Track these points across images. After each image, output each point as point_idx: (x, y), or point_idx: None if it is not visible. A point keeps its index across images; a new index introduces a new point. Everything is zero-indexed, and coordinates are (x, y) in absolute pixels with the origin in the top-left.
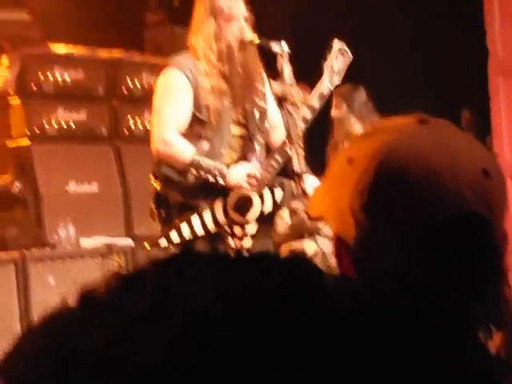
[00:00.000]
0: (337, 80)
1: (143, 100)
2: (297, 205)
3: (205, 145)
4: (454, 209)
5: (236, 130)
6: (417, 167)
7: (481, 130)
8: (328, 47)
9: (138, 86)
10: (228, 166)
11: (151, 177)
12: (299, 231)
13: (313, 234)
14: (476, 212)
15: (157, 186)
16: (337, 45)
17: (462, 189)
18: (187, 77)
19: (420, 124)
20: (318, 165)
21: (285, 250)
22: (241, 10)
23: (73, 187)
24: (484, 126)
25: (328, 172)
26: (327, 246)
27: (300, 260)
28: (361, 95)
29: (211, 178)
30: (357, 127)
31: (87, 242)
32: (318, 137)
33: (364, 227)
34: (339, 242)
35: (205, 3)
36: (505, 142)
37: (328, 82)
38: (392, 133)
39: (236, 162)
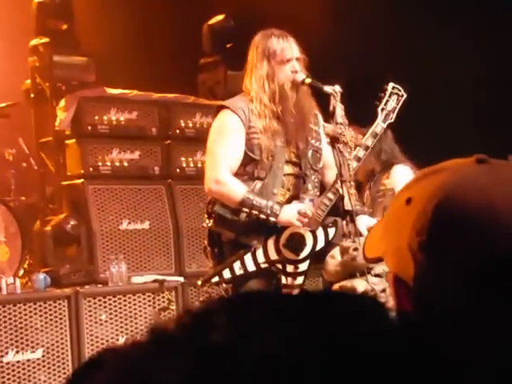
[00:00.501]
0: (390, 119)
1: (195, 140)
2: (348, 243)
3: (257, 184)
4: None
5: (289, 169)
6: (476, 206)
7: None
8: (383, 89)
9: (191, 127)
10: (280, 204)
11: (205, 215)
12: (350, 270)
13: (364, 272)
14: None
15: (210, 224)
16: (391, 86)
17: None
18: (240, 118)
19: (479, 164)
20: None
21: (335, 289)
22: (294, 52)
23: (125, 225)
24: None
25: (386, 214)
26: (378, 285)
27: (367, 300)
28: (388, 138)
29: (263, 217)
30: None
31: (138, 279)
32: None
33: (423, 266)
34: (398, 282)
35: (258, 46)
36: None
37: (382, 122)
38: (450, 172)
39: (288, 200)
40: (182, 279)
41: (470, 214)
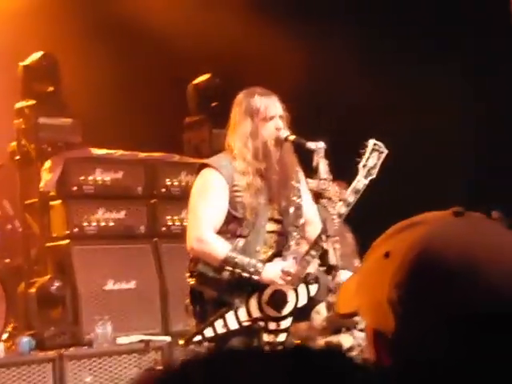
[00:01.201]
0: (372, 175)
1: (181, 198)
2: (333, 299)
3: (240, 242)
4: (493, 303)
5: (271, 227)
6: (456, 258)
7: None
8: (363, 146)
9: (176, 185)
10: (263, 262)
11: (187, 274)
12: (336, 325)
13: (349, 327)
14: None
15: (192, 282)
16: (372, 142)
17: (501, 284)
18: (223, 176)
19: (456, 216)
20: None
21: (321, 345)
22: (277, 110)
23: (111, 285)
24: None
25: (360, 268)
26: (364, 340)
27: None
28: None
29: (246, 275)
30: None
31: (124, 340)
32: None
33: (403, 319)
34: (376, 336)
35: (241, 104)
36: None
37: (363, 178)
38: (428, 225)
39: (271, 258)
40: (168, 339)
41: (450, 267)
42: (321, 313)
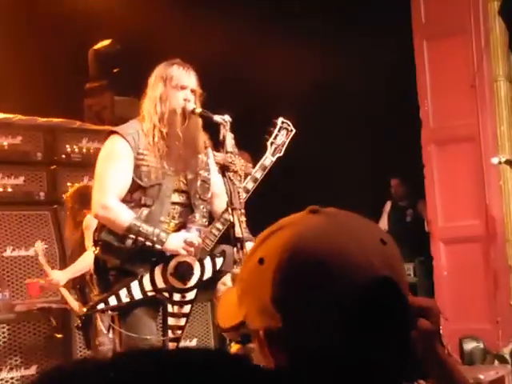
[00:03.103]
0: (279, 152)
1: (82, 165)
2: (239, 270)
3: (144, 211)
4: (368, 277)
5: (176, 198)
6: (325, 247)
7: (411, 196)
8: (273, 124)
9: (77, 152)
10: (167, 232)
11: (91, 243)
12: None
13: None
14: (386, 277)
15: (97, 251)
16: (280, 120)
17: (370, 258)
18: (129, 143)
19: (312, 214)
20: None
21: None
22: (190, 82)
23: (9, 252)
24: (415, 192)
25: (238, 280)
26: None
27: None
28: None
29: (149, 244)
30: None
31: (22, 307)
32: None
33: (289, 314)
34: (268, 335)
35: (158, 71)
36: (438, 206)
37: (271, 155)
38: (291, 227)
39: (175, 229)
40: (67, 306)
41: (322, 257)
42: (227, 284)
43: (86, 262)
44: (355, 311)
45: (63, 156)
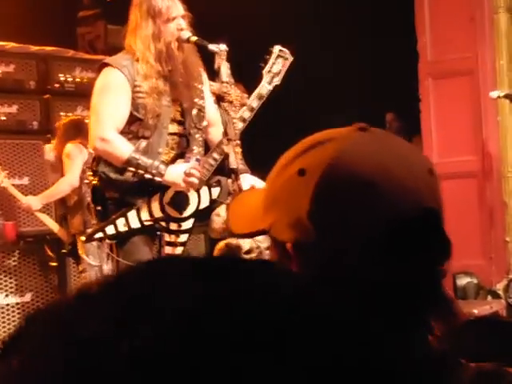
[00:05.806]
0: (276, 81)
1: (75, 94)
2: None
3: (142, 143)
4: (416, 205)
5: (173, 128)
6: (371, 168)
7: (406, 131)
8: (269, 52)
9: (70, 81)
10: (166, 164)
11: (89, 173)
12: None
13: None
14: (434, 208)
15: (94, 181)
16: (277, 49)
17: (420, 186)
18: (124, 75)
19: (362, 131)
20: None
21: (221, 247)
22: (179, 10)
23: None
24: (409, 127)
25: (268, 186)
26: (263, 243)
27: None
28: None
29: (148, 176)
30: None
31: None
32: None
33: (326, 232)
34: (297, 250)
35: (142, 5)
36: (434, 141)
37: (267, 84)
38: (339, 141)
39: (173, 160)
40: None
41: (368, 177)
42: (221, 215)
43: (60, 188)
44: (397, 236)
45: (56, 85)
